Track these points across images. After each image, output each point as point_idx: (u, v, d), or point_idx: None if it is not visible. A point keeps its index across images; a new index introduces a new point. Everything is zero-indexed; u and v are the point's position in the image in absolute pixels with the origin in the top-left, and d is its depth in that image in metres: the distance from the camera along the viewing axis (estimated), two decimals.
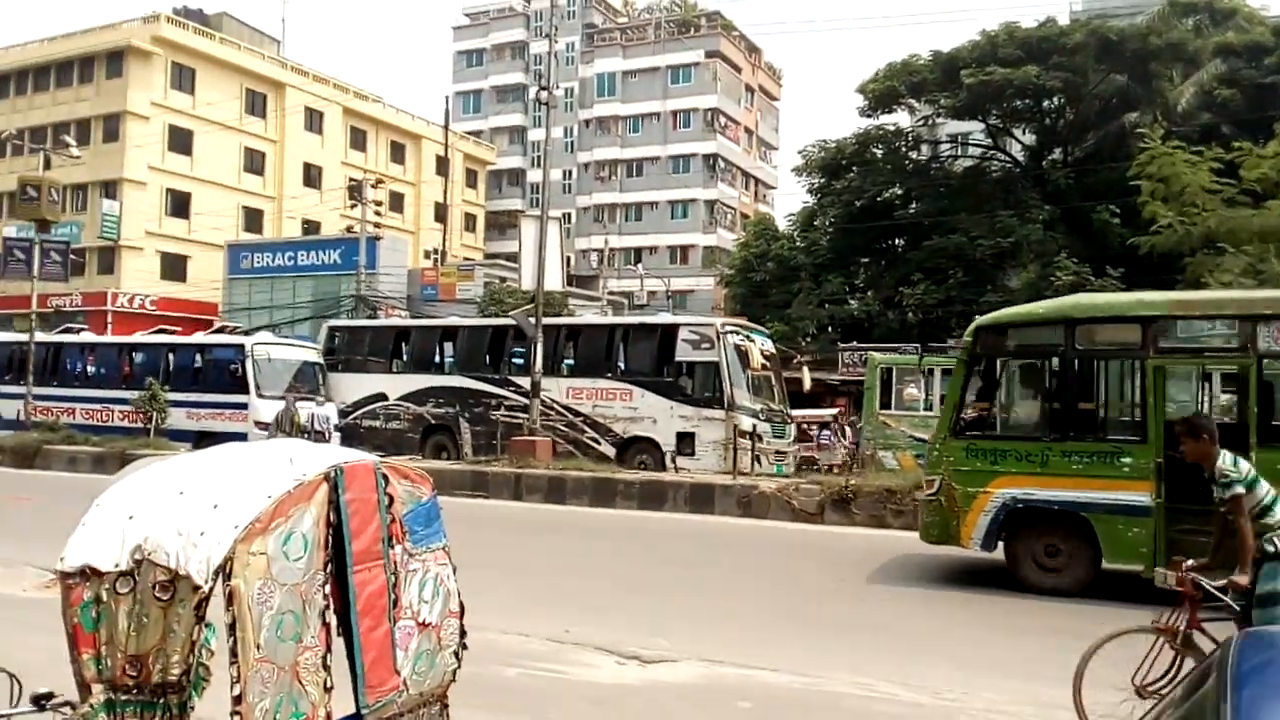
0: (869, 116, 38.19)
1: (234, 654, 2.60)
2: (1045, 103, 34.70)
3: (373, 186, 36.37)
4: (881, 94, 36.40)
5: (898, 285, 34.09)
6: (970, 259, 31.40)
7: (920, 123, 39.28)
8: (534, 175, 64.36)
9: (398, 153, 56.83)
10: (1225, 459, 5.31)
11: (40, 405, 23.80)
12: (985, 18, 59.45)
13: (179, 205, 44.59)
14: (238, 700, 2.58)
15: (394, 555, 3.12)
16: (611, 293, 48.81)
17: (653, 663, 7.05)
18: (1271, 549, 5.15)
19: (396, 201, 52.18)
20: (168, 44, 43.67)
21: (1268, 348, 8.71)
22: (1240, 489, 5.21)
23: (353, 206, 35.94)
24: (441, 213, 47.16)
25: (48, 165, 28.05)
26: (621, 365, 20.51)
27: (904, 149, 38.56)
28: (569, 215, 58.71)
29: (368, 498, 3.04)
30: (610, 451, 19.63)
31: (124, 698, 2.73)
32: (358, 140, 54.00)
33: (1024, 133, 37.37)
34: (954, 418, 9.91)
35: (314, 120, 50.69)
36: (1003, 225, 31.17)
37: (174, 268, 44.32)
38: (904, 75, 35.47)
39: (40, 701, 2.93)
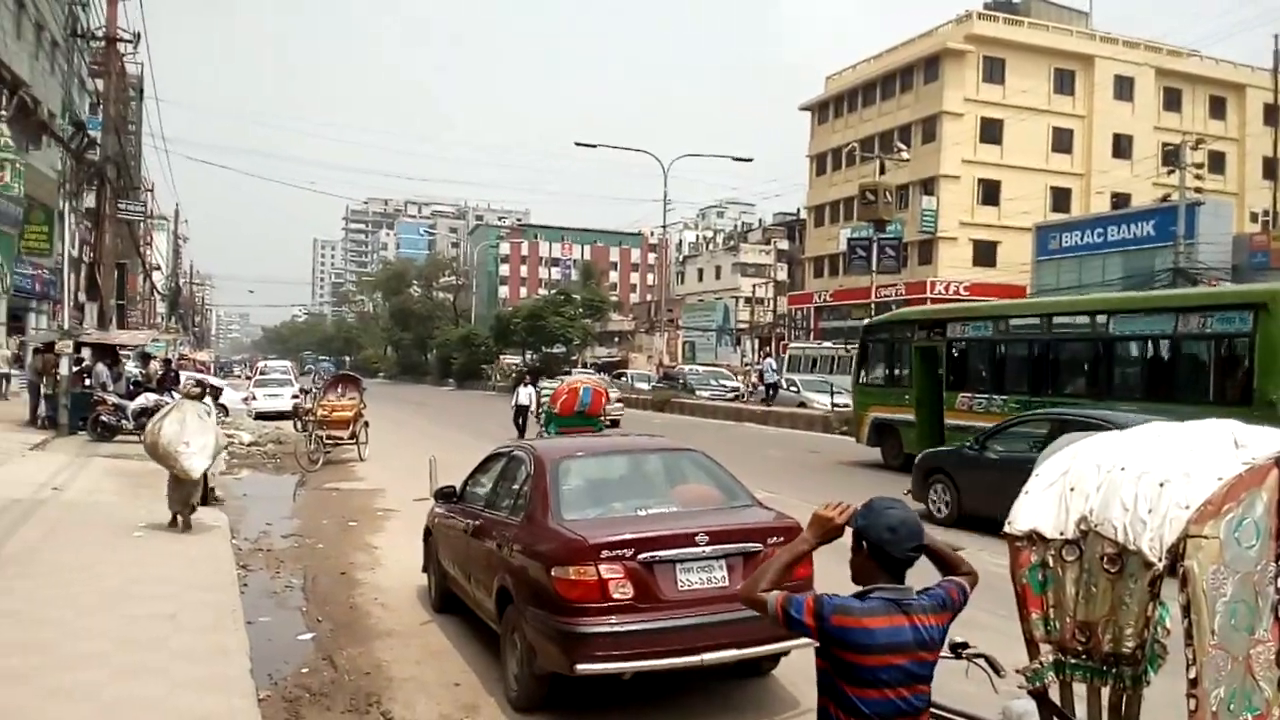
0: None
1: (1189, 636, 2.56)
2: None
3: (1191, 149, 32.89)
4: None
5: None
6: None
7: None
8: None
9: (1217, 108, 50.72)
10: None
11: None
12: None
13: (989, 194, 46.48)
14: (1194, 684, 2.54)
15: None
16: None
17: None
18: None
19: (1217, 162, 46.38)
20: (979, 39, 45.72)
21: (951, 336, 17.19)
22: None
23: (1169, 173, 33.12)
24: (1272, 168, 40.51)
25: (882, 170, 31.61)
26: None
27: None
28: None
29: None
30: None
31: (1072, 661, 2.91)
32: (1171, 101, 49.65)
33: None
34: (855, 377, 19.80)
35: (1123, 88, 48.10)
36: None
37: (984, 254, 46.36)
38: None
39: (956, 649, 3.28)
